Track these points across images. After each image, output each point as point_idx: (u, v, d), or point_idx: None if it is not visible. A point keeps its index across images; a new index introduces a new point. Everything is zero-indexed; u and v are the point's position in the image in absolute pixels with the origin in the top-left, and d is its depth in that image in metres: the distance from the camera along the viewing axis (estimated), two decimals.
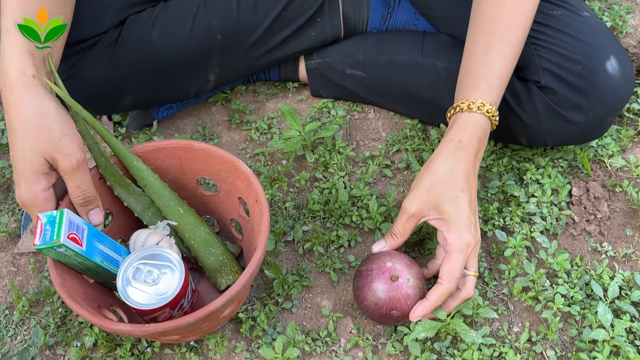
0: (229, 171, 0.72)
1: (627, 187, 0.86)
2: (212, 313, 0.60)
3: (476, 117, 0.69)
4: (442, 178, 0.68)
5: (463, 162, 0.68)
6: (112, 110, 0.90)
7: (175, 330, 0.60)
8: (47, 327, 0.75)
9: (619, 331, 0.70)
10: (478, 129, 0.69)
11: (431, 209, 0.68)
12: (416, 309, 0.67)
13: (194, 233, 0.73)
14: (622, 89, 0.79)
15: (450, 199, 0.67)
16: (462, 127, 0.69)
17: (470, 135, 0.69)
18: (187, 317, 0.59)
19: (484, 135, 0.70)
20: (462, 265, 0.66)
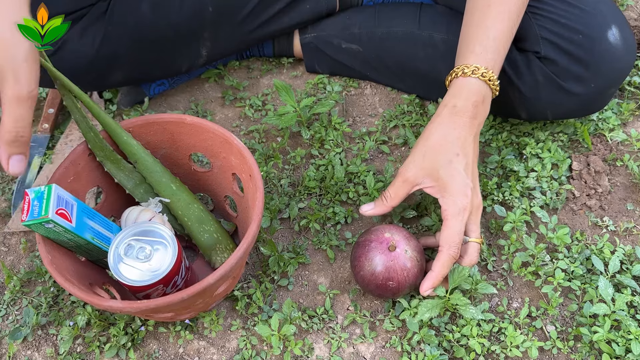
0: (222, 146, 0.71)
1: (628, 161, 0.85)
2: (206, 289, 0.58)
3: (471, 82, 0.68)
4: (437, 143, 0.66)
5: (458, 126, 0.66)
6: (102, 86, 0.88)
7: (169, 306, 0.59)
8: (39, 307, 0.74)
9: (620, 305, 0.69)
10: (473, 94, 0.67)
11: (426, 176, 0.67)
12: (424, 283, 0.66)
13: (188, 210, 0.72)
14: (624, 59, 0.77)
15: (444, 164, 0.65)
16: (456, 92, 0.68)
17: (465, 99, 0.67)
18: (181, 293, 0.57)
19: (481, 100, 0.68)
20: (460, 231, 0.64)
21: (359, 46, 0.91)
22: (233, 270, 0.61)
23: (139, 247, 0.62)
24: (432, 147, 0.66)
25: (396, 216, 0.79)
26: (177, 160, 0.75)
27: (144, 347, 0.70)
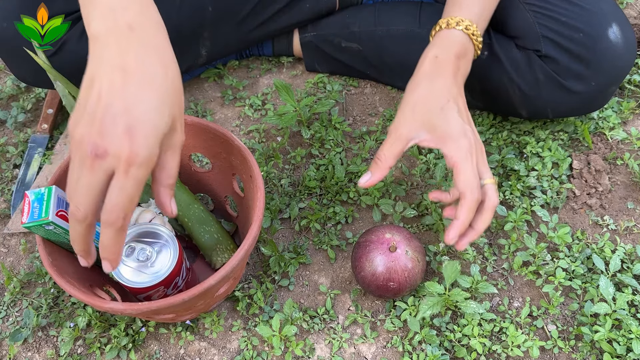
0: (223, 146, 0.70)
1: (629, 159, 0.85)
2: (207, 290, 0.58)
3: (454, 33, 0.65)
4: (424, 95, 0.63)
5: (442, 76, 0.64)
6: None
7: (170, 308, 0.58)
8: (39, 308, 0.73)
9: (620, 304, 0.69)
10: (455, 44, 0.65)
11: (420, 129, 0.63)
12: (449, 232, 0.61)
13: (188, 211, 0.71)
14: (624, 57, 0.76)
15: (436, 112, 0.62)
16: (438, 43, 0.66)
17: (447, 50, 0.65)
18: (182, 295, 0.57)
19: (463, 51, 0.66)
20: (475, 172, 0.61)
21: (359, 45, 0.91)
22: (234, 271, 0.60)
23: (139, 248, 0.62)
24: (420, 99, 0.63)
25: (397, 216, 0.79)
26: None
27: (145, 348, 0.70)
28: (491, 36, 0.80)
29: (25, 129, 0.93)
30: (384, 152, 0.64)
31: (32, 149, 0.89)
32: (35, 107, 0.96)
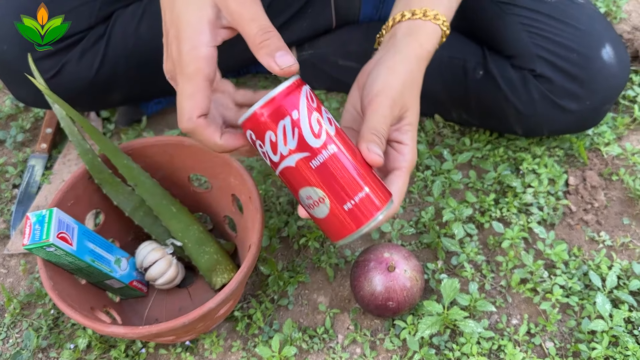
0: (221, 167, 0.71)
1: (624, 175, 0.86)
2: (206, 313, 0.59)
3: (439, 33, 0.60)
4: (416, 88, 0.57)
5: (423, 76, 0.59)
6: (102, 106, 0.88)
7: (170, 331, 0.59)
8: (40, 330, 0.74)
9: (617, 321, 0.69)
10: (435, 43, 0.60)
11: (404, 111, 0.55)
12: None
13: (187, 232, 0.72)
14: (618, 77, 0.78)
15: (419, 111, 0.57)
16: (427, 36, 0.59)
17: (432, 48, 0.59)
18: (182, 318, 0.58)
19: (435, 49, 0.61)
20: (407, 185, 0.55)
21: (356, 63, 0.91)
22: (234, 293, 0.61)
23: None
24: (410, 83, 0.56)
25: (395, 234, 0.80)
26: (177, 181, 0.75)
27: None
28: (486, 56, 0.81)
29: (24, 148, 0.94)
30: (382, 125, 0.52)
31: (31, 169, 0.89)
32: (34, 126, 0.97)
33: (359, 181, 0.47)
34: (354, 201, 0.46)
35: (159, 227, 0.73)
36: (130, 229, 0.76)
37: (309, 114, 0.45)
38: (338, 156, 0.46)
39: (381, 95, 0.53)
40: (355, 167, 0.47)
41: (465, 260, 0.77)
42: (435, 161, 0.87)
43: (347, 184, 0.46)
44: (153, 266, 0.71)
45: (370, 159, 0.49)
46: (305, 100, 0.45)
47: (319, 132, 0.45)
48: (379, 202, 0.47)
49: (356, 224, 0.47)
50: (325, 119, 0.46)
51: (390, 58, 0.57)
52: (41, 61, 0.74)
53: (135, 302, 0.75)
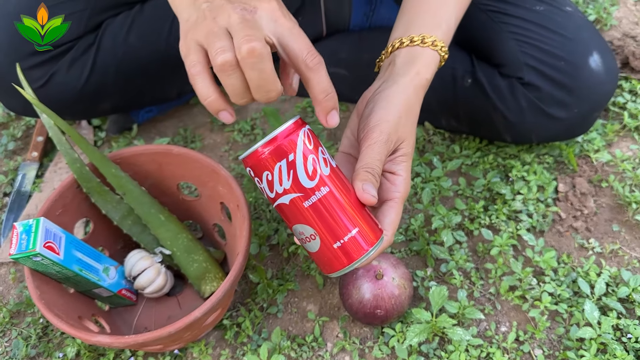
0: (210, 176, 0.71)
1: (613, 182, 0.86)
2: (193, 322, 0.59)
3: (436, 57, 0.61)
4: (413, 118, 0.58)
5: (420, 104, 0.60)
6: (92, 114, 0.88)
7: (156, 340, 0.59)
8: (29, 338, 0.74)
9: (605, 328, 0.69)
10: (433, 70, 0.61)
11: (398, 143, 0.56)
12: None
13: (176, 240, 0.72)
14: (606, 85, 0.78)
15: (414, 143, 0.58)
16: (426, 64, 0.60)
17: (432, 77, 0.61)
18: (167, 328, 0.58)
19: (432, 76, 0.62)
20: (400, 216, 0.56)
21: (346, 71, 0.92)
22: (221, 302, 0.61)
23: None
24: (407, 112, 0.57)
25: None
26: (166, 189, 0.75)
27: None
28: (474, 64, 0.82)
29: (15, 156, 0.94)
30: (376, 162, 0.53)
31: (22, 177, 0.89)
32: (26, 134, 0.97)
33: (349, 222, 0.49)
34: (343, 240, 0.49)
35: (148, 236, 0.73)
36: (120, 238, 0.76)
37: (304, 156, 0.47)
38: (330, 198, 0.48)
39: (376, 130, 0.53)
40: (347, 208, 0.49)
41: (455, 268, 0.77)
42: (425, 168, 0.88)
43: (337, 224, 0.49)
44: (141, 275, 0.71)
45: (364, 198, 0.50)
46: (303, 144, 0.47)
47: (313, 174, 0.47)
48: (368, 242, 0.50)
49: (347, 260, 0.50)
50: (321, 159, 0.48)
51: (388, 88, 0.58)
52: (30, 71, 0.75)
53: (124, 310, 0.75)
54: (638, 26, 1.09)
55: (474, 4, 0.81)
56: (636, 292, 0.74)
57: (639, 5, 1.14)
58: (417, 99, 0.59)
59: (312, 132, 0.49)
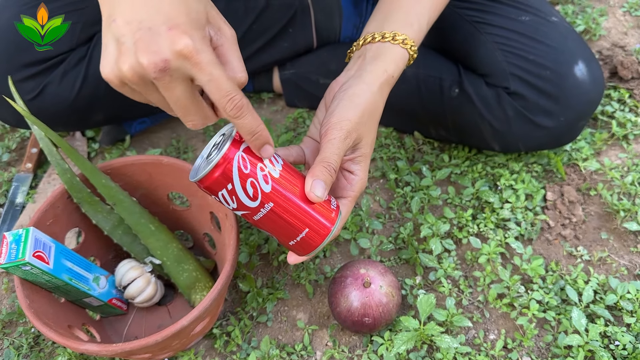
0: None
1: (602, 190, 0.87)
2: (180, 331, 0.59)
3: (405, 55, 0.63)
4: (373, 107, 0.59)
5: (385, 101, 0.62)
6: (84, 126, 0.89)
7: (144, 349, 0.59)
8: (20, 348, 0.74)
9: (593, 336, 0.70)
10: (402, 70, 0.63)
11: (357, 142, 0.58)
12: (299, 257, 0.59)
13: (166, 250, 0.73)
14: (591, 93, 0.79)
15: (373, 141, 0.60)
16: (392, 60, 0.61)
17: (396, 71, 0.62)
18: (155, 336, 0.58)
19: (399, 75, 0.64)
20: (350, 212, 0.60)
21: None
22: (208, 310, 0.61)
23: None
24: (370, 110, 0.58)
25: (374, 250, 0.81)
26: (156, 199, 0.76)
27: None
28: (461, 74, 0.83)
29: (9, 167, 0.95)
30: (334, 157, 0.54)
31: (16, 188, 0.90)
32: (20, 146, 0.98)
33: (298, 225, 0.53)
34: (295, 240, 0.55)
35: (138, 246, 0.74)
36: (111, 248, 0.77)
37: (242, 182, 0.49)
38: (275, 210, 0.52)
39: (337, 127, 0.55)
40: (295, 213, 0.53)
41: (443, 276, 0.78)
42: (414, 177, 0.88)
43: (286, 229, 0.54)
44: (131, 284, 0.72)
45: (311, 197, 0.53)
46: (238, 172, 0.49)
47: (254, 196, 0.50)
48: (318, 237, 0.55)
49: (303, 251, 0.57)
50: (261, 178, 0.50)
51: (355, 86, 0.59)
52: (23, 82, 0.76)
53: (115, 320, 0.76)
54: (627, 36, 1.11)
55: (459, 15, 0.83)
56: (624, 299, 0.74)
57: (627, 15, 1.16)
58: (382, 98, 0.61)
59: (249, 150, 0.50)
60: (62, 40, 0.78)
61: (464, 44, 0.83)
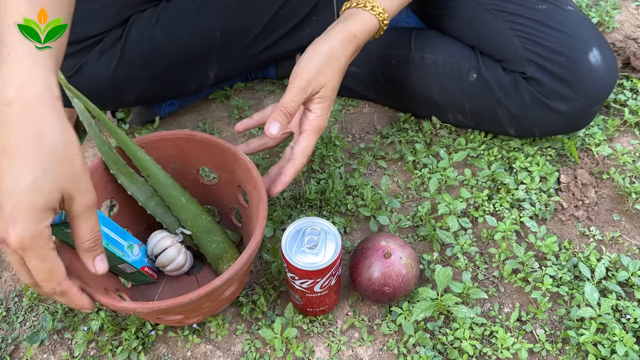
0: (229, 160, 0.75)
1: (614, 174, 0.89)
2: (213, 291, 0.62)
3: (373, 21, 0.73)
4: (335, 61, 0.70)
5: (350, 55, 0.72)
6: (117, 105, 0.94)
7: (177, 307, 0.63)
8: (55, 313, 0.78)
9: (605, 309, 0.72)
10: (370, 33, 0.73)
11: (319, 87, 0.69)
12: (276, 186, 0.72)
13: (196, 221, 0.76)
14: (605, 79, 0.82)
15: (334, 87, 0.71)
16: (359, 23, 0.72)
17: (363, 35, 0.72)
18: (189, 295, 0.61)
19: (371, 37, 0.75)
20: (314, 146, 0.72)
21: (357, 68, 0.97)
22: (238, 274, 0.65)
23: (308, 237, 0.67)
24: (332, 63, 0.69)
25: (393, 227, 0.84)
26: (187, 174, 0.80)
27: (154, 351, 0.74)
28: (479, 60, 0.86)
29: None
30: (291, 103, 0.68)
31: None
32: None
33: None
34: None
35: (170, 217, 0.77)
36: (143, 220, 0.81)
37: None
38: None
39: (298, 76, 0.68)
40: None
41: (460, 252, 0.81)
42: (432, 160, 0.92)
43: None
44: (163, 253, 0.75)
45: (267, 134, 0.67)
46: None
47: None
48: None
49: None
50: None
51: (319, 39, 0.71)
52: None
53: (145, 288, 0.80)
54: (639, 29, 1.13)
55: (477, 2, 0.86)
56: (635, 276, 0.77)
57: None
58: (343, 50, 0.70)
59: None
60: (100, 21, 0.82)
61: (481, 31, 0.86)
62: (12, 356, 0.75)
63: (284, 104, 0.67)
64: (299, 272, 0.65)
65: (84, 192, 0.51)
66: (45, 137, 0.47)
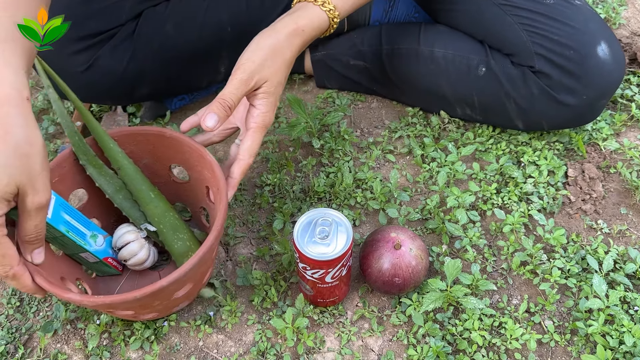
0: (197, 160, 0.73)
1: (621, 168, 0.90)
2: (159, 290, 0.60)
3: (323, 17, 0.71)
4: (280, 56, 0.67)
5: (295, 50, 0.69)
6: (129, 100, 0.95)
7: (124, 304, 0.61)
8: (68, 304, 0.79)
9: (613, 300, 0.73)
10: (318, 29, 0.71)
11: (263, 81, 0.67)
12: (228, 190, 0.68)
13: (163, 218, 0.74)
14: (613, 73, 0.82)
15: (279, 82, 0.68)
16: (307, 17, 0.70)
17: (311, 30, 0.70)
18: (134, 292, 0.60)
19: (318, 36, 0.73)
20: (260, 144, 0.69)
21: (365, 63, 0.97)
22: (189, 275, 0.63)
23: (319, 229, 0.68)
24: (277, 57, 0.67)
25: (402, 219, 0.85)
26: (158, 170, 0.78)
27: (166, 341, 0.75)
28: (488, 54, 0.87)
29: (54, 140, 1.00)
30: (231, 95, 0.65)
31: None
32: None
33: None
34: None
35: (137, 212, 0.75)
36: (113, 212, 0.78)
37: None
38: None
39: (240, 68, 0.65)
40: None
41: (468, 244, 0.82)
42: (440, 154, 0.92)
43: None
44: (125, 247, 0.74)
45: (203, 126, 0.64)
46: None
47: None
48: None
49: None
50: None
51: (265, 32, 0.69)
52: (75, 55, 0.81)
53: (109, 279, 0.79)
54: None
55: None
56: None
57: None
58: (289, 44, 0.68)
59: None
60: (112, 16, 0.83)
61: (490, 25, 0.87)
62: (26, 345, 0.76)
63: (222, 96, 0.64)
64: (310, 262, 0.66)
65: (38, 191, 0.53)
66: (9, 134, 0.50)
